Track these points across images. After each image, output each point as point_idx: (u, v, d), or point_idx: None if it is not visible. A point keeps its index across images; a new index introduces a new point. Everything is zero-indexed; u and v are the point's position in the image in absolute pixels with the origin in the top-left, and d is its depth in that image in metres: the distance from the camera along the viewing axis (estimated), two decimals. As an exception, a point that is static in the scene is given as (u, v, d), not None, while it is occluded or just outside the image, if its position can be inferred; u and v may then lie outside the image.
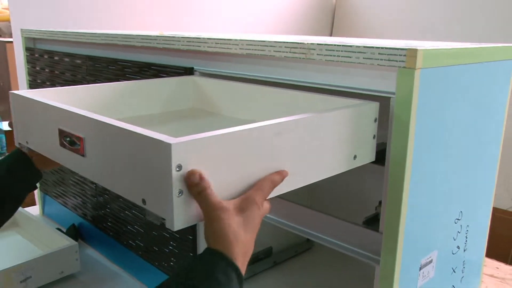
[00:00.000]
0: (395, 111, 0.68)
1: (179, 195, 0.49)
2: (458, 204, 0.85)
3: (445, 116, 0.75)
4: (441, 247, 0.83)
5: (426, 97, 0.68)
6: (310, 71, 0.79)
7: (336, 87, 0.75)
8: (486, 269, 1.29)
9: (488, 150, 0.92)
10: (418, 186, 0.72)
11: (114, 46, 1.16)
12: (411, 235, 0.73)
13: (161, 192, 0.50)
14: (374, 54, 0.68)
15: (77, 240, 1.37)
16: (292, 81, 0.81)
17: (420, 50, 0.65)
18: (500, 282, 1.24)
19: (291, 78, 0.81)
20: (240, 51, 0.86)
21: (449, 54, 0.72)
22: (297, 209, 0.85)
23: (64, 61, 1.31)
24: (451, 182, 0.81)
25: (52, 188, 1.51)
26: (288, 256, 1.25)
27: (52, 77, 1.38)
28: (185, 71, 0.97)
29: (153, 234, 1.14)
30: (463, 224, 0.88)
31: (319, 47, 0.74)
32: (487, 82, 0.85)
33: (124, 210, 1.22)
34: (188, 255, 1.05)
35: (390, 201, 0.70)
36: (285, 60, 0.82)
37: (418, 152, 0.70)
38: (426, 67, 0.67)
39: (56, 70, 1.35)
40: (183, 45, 0.96)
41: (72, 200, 1.42)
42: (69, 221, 1.45)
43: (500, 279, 1.26)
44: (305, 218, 0.84)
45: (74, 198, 1.41)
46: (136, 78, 1.08)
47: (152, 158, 0.50)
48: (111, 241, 1.29)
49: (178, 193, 0.49)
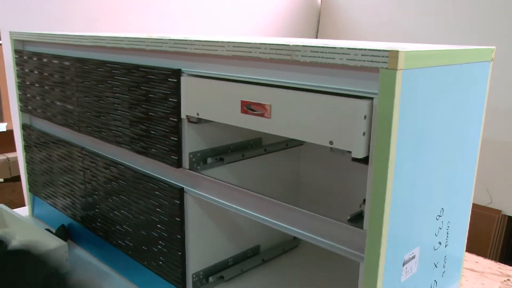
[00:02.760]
0: (378, 111, 0.68)
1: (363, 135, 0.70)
2: (440, 201, 0.86)
3: (426, 116, 0.75)
4: (423, 243, 0.83)
5: (408, 97, 0.69)
6: (296, 72, 0.79)
7: (321, 88, 0.75)
8: (466, 263, 1.31)
9: (467, 148, 0.93)
10: (401, 184, 0.72)
11: (103, 48, 1.15)
12: (395, 232, 0.74)
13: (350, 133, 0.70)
14: (358, 56, 0.69)
15: (67, 240, 1.36)
16: (278, 82, 0.81)
17: (402, 51, 0.65)
18: (480, 276, 1.26)
19: (276, 79, 0.81)
20: (226, 52, 0.86)
21: (430, 55, 0.72)
22: (284, 207, 0.84)
23: (52, 63, 1.30)
24: (433, 180, 0.82)
25: (42, 189, 1.50)
26: (275, 254, 1.26)
27: (41, 79, 1.36)
28: (172, 73, 0.96)
29: (142, 234, 1.13)
30: (444, 220, 0.89)
31: (303, 49, 0.74)
32: (466, 82, 0.86)
33: (113, 210, 1.21)
34: (177, 254, 1.05)
35: (374, 199, 0.71)
36: (271, 62, 0.81)
37: (400, 151, 0.70)
38: (407, 68, 0.67)
39: (45, 72, 1.34)
40: (171, 47, 0.96)
41: (62, 201, 1.41)
42: (58, 222, 1.44)
43: (479, 273, 1.27)
44: (291, 216, 0.84)
45: (63, 198, 1.40)
46: (124, 80, 1.07)
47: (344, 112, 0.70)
48: (100, 241, 1.28)
49: (363, 134, 0.70)
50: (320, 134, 0.75)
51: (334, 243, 0.78)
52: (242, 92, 0.85)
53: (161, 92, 0.99)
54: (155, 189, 1.07)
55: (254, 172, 1.16)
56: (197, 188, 1.00)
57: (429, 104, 0.75)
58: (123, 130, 1.12)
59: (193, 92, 0.94)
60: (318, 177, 1.26)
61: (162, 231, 1.08)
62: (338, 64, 0.72)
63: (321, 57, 0.73)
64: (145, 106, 1.04)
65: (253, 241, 1.21)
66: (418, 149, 0.75)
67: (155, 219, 1.09)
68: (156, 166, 1.08)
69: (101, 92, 1.16)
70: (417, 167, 0.76)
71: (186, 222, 1.03)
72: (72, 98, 1.26)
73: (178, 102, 0.96)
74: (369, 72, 0.70)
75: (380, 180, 0.70)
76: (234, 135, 1.10)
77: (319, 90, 0.75)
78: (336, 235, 0.78)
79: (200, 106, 0.93)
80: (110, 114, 1.15)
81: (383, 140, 0.68)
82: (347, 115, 0.71)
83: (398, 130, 0.68)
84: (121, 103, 1.11)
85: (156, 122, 1.02)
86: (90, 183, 1.27)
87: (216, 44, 0.87)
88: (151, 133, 1.04)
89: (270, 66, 0.82)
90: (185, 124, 0.98)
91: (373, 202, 0.71)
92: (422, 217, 0.81)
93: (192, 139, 1.00)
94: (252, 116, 0.84)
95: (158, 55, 1.01)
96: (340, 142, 0.73)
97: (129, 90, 1.07)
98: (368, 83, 0.70)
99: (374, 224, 0.71)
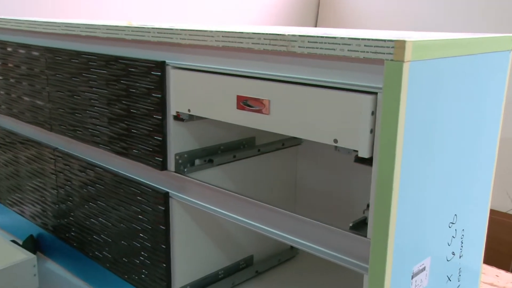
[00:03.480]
0: (382, 107, 0.69)
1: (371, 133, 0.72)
2: (452, 206, 0.88)
3: (437, 113, 0.77)
4: (434, 253, 0.85)
5: (416, 92, 0.70)
6: (292, 65, 0.80)
7: (319, 82, 0.77)
8: (485, 277, 1.32)
9: (484, 148, 0.94)
10: (408, 188, 0.74)
11: (77, 37, 1.16)
12: (402, 241, 0.75)
13: (356, 131, 0.73)
14: (360, 46, 0.70)
15: (36, 253, 1.37)
16: (272, 76, 0.83)
17: (409, 41, 0.66)
18: (500, 291, 1.27)
19: (271, 72, 0.83)
20: (215, 43, 0.88)
21: (441, 45, 0.74)
22: (280, 213, 0.86)
23: (19, 53, 1.31)
24: (444, 183, 0.84)
25: (6, 195, 1.51)
26: (271, 265, 1.27)
27: (6, 70, 1.37)
28: (156, 65, 0.98)
29: (122, 244, 1.15)
30: (458, 228, 0.91)
31: (300, 39, 0.76)
32: (482, 75, 0.87)
33: (89, 218, 1.22)
34: (161, 266, 1.07)
35: (378, 204, 0.72)
36: (265, 53, 0.83)
37: (408, 151, 0.72)
38: (415, 60, 0.68)
39: (9, 62, 1.35)
40: (154, 36, 0.97)
41: (30, 208, 1.42)
42: (26, 232, 1.45)
43: (500, 288, 1.28)
44: (288, 223, 0.85)
45: (32, 206, 1.41)
46: (102, 73, 1.09)
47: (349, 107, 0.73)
48: (74, 253, 1.29)
49: (370, 131, 0.72)
50: (323, 132, 0.77)
51: (335, 253, 0.80)
52: (238, 86, 0.87)
53: (143, 86, 1.01)
54: (137, 194, 1.09)
55: (247, 175, 1.18)
56: (184, 193, 1.02)
57: (440, 99, 0.77)
58: (101, 128, 1.14)
59: (184, 87, 0.96)
60: (317, 180, 1.28)
61: (144, 240, 1.10)
62: (338, 56, 0.74)
63: (320, 48, 0.75)
64: (126, 102, 1.06)
65: (246, 251, 1.22)
66: (428, 149, 0.77)
67: (137, 228, 1.11)
68: (138, 169, 1.10)
69: (75, 86, 1.18)
70: (426, 169, 0.78)
71: (171, 230, 1.05)
72: (43, 93, 1.28)
73: (163, 98, 0.98)
74: (372, 64, 0.71)
75: (385, 183, 0.71)
76: (225, 134, 1.12)
77: (318, 85, 0.78)
78: (337, 244, 0.80)
79: (192, 102, 0.95)
80: (86, 111, 1.17)
81: (388, 139, 0.70)
82: (353, 111, 0.73)
83: (405, 128, 0.70)
84: (98, 98, 1.12)
85: (138, 119, 1.04)
86: (63, 188, 1.29)
87: (204, 34, 0.89)
88: (133, 132, 1.06)
89: (265, 58, 0.84)
90: (170, 122, 1.00)
91: (377, 207, 0.73)
92: (433, 224, 0.83)
93: (178, 139, 1.02)
94: (249, 112, 0.86)
95: (140, 45, 1.03)
96: (346, 141, 0.75)
97: (108, 84, 1.09)
98: (372, 76, 0.72)
99: (379, 232, 0.73)
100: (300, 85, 0.79)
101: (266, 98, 0.83)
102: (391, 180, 0.71)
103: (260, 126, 0.85)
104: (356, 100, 0.73)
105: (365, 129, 0.72)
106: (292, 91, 0.80)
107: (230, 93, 0.88)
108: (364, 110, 0.72)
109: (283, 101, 0.81)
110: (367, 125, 0.72)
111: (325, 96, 0.76)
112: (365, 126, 0.72)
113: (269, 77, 0.83)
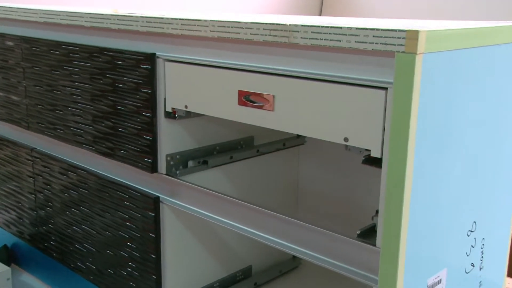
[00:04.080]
0: (393, 104, 0.70)
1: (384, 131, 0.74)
2: (471, 213, 0.88)
3: (453, 110, 0.77)
4: (451, 264, 0.86)
5: (429, 88, 0.71)
6: (294, 58, 0.81)
7: (324, 76, 0.78)
8: (508, 291, 1.32)
9: (506, 148, 0.94)
10: (421, 192, 0.74)
11: (57, 26, 1.17)
12: (415, 250, 0.76)
13: (369, 128, 0.74)
14: (368, 37, 0.71)
15: (10, 264, 1.37)
16: (274, 70, 0.84)
17: (423, 31, 0.67)
18: (525, 306, 1.26)
19: (271, 65, 0.84)
20: (210, 33, 0.88)
21: (458, 35, 0.74)
22: (280, 220, 0.87)
23: (-6, 44, 1.32)
24: (462, 187, 0.84)
25: (-20, 201, 1.51)
26: (271, 277, 1.28)
27: (-21, 63, 1.37)
28: (145, 58, 0.99)
29: (108, 254, 1.15)
30: (478, 237, 0.91)
31: (303, 29, 0.77)
32: (504, 68, 0.87)
33: (71, 226, 1.23)
34: (151, 278, 1.07)
35: (389, 209, 0.73)
36: (264, 45, 0.84)
37: (421, 152, 0.72)
38: (429, 52, 0.69)
39: (-17, 54, 1.35)
40: (143, 26, 0.98)
41: (4, 215, 1.42)
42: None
43: (525, 303, 1.28)
44: (289, 230, 0.86)
45: (7, 212, 1.41)
46: (86, 65, 1.10)
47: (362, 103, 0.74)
48: (54, 264, 1.30)
49: (383, 129, 0.73)
50: (333, 130, 0.78)
51: (342, 263, 0.81)
52: (239, 81, 0.88)
53: (131, 81, 1.02)
54: (124, 199, 1.10)
55: (245, 178, 1.19)
56: (176, 197, 1.03)
57: (457, 95, 0.78)
58: (84, 127, 1.15)
59: (180, 82, 0.96)
60: (322, 183, 1.29)
61: (132, 250, 1.10)
62: (345, 48, 0.74)
63: (324, 39, 0.75)
64: (112, 97, 1.07)
65: (244, 261, 1.23)
66: (443, 149, 0.78)
67: (124, 236, 1.12)
68: (126, 171, 1.10)
69: (55, 80, 1.18)
70: (441, 172, 0.78)
71: (162, 238, 1.06)
72: (19, 88, 1.28)
73: (153, 93, 0.99)
74: (382, 57, 0.72)
75: (396, 186, 0.72)
76: (221, 133, 1.12)
77: (325, 79, 0.78)
78: (343, 253, 0.81)
79: (189, 98, 0.96)
80: (67, 108, 1.17)
81: (399, 138, 0.70)
82: (366, 107, 0.74)
83: (417, 127, 0.71)
84: (81, 94, 1.13)
85: (125, 117, 1.05)
86: (42, 193, 1.30)
87: (197, 24, 0.90)
88: (120, 131, 1.07)
89: (265, 50, 0.85)
90: (161, 120, 1.01)
91: (387, 213, 0.73)
92: (449, 232, 0.84)
93: (170, 138, 1.03)
94: (251, 108, 0.87)
95: (128, 36, 1.04)
96: (357, 139, 0.76)
97: (92, 78, 1.10)
98: (381, 70, 0.73)
99: (390, 240, 0.74)
100: (306, 80, 0.80)
101: (270, 93, 0.84)
102: (402, 183, 0.71)
103: (263, 123, 0.86)
104: (368, 95, 0.73)
105: (378, 127, 0.73)
106: (298, 86, 0.81)
107: (231, 88, 0.89)
108: (376, 106, 0.73)
109: (288, 97, 0.82)
110: (380, 123, 0.73)
111: (335, 91, 0.77)
112: (378, 124, 0.73)
113: (270, 71, 0.84)
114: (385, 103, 0.73)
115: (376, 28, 0.71)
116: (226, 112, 0.91)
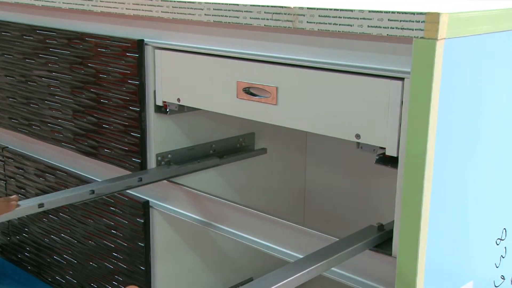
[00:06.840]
0: (410, 96, 0.70)
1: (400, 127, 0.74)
2: (500, 219, 0.89)
3: (479, 102, 0.78)
4: (478, 277, 0.86)
5: (452, 78, 0.71)
6: (300, 45, 0.82)
7: (332, 66, 0.79)
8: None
9: None
10: (443, 196, 0.75)
11: (31, 8, 1.17)
12: (436, 261, 0.76)
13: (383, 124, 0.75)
14: (383, 21, 0.71)
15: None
16: (277, 59, 0.84)
17: (444, 14, 0.67)
18: None
19: (273, 54, 0.85)
20: (205, 18, 0.89)
21: (484, 18, 0.75)
22: (285, 226, 0.88)
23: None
24: (490, 190, 0.85)
25: None
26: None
27: None
28: (132, 45, 0.99)
29: (91, 265, 1.16)
30: (509, 245, 0.92)
31: (310, 12, 0.78)
32: None
33: (49, 235, 1.24)
34: (139, 293, 1.09)
35: (406, 214, 0.73)
36: (266, 30, 0.85)
37: (442, 151, 0.73)
38: (452, 37, 0.69)
39: None
40: (129, 9, 0.98)
41: (-25, 223, 1.43)
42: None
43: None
44: (295, 238, 0.87)
45: (-22, 219, 1.42)
46: (64, 53, 1.10)
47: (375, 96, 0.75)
48: (29, 278, 1.30)
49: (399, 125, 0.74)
50: (343, 126, 0.78)
51: (353, 275, 0.82)
52: (238, 71, 0.88)
53: (116, 70, 1.03)
54: (110, 204, 1.10)
55: (245, 179, 1.19)
56: (168, 202, 1.04)
57: (484, 86, 0.78)
58: (63, 123, 1.15)
59: (172, 72, 0.96)
60: (330, 185, 1.29)
61: (119, 261, 1.11)
62: (356, 33, 0.75)
63: (333, 24, 0.76)
64: (95, 90, 1.07)
65: (244, 273, 1.23)
66: (468, 147, 0.78)
67: (109, 245, 1.12)
68: (111, 172, 1.11)
69: (29, 70, 1.19)
70: (466, 172, 0.79)
71: (152, 248, 1.06)
72: (-11, 78, 1.29)
73: (142, 85, 1.00)
74: (398, 43, 0.73)
75: (414, 189, 0.72)
76: (218, 130, 1.13)
77: (334, 69, 0.79)
78: (356, 264, 0.81)
79: (182, 90, 0.96)
80: (44, 101, 1.18)
81: (417, 134, 0.70)
82: (379, 100, 0.74)
83: (438, 122, 0.71)
84: (60, 85, 1.14)
85: (110, 112, 1.06)
86: (16, 197, 1.30)
87: (191, 6, 0.90)
88: (104, 127, 1.08)
89: (267, 36, 0.85)
90: (150, 115, 1.01)
91: (404, 219, 0.74)
92: (475, 241, 0.84)
93: (161, 135, 1.03)
94: (252, 102, 0.87)
95: (112, 20, 1.04)
96: (370, 136, 0.76)
97: (71, 68, 1.10)
98: (398, 58, 0.73)
99: (407, 250, 0.74)
100: (313, 69, 0.80)
101: (273, 85, 0.85)
102: (421, 185, 0.71)
103: (265, 119, 0.87)
104: (383, 86, 0.74)
105: (394, 122, 0.74)
106: (304, 76, 0.81)
107: (229, 79, 0.89)
108: (392, 98, 0.73)
109: (293, 89, 0.83)
110: (396, 117, 0.73)
111: (345, 82, 0.78)
112: (394, 119, 0.74)
113: (273, 59, 0.85)
114: (402, 96, 0.73)
115: (391, 11, 0.71)
116: (224, 106, 0.92)
